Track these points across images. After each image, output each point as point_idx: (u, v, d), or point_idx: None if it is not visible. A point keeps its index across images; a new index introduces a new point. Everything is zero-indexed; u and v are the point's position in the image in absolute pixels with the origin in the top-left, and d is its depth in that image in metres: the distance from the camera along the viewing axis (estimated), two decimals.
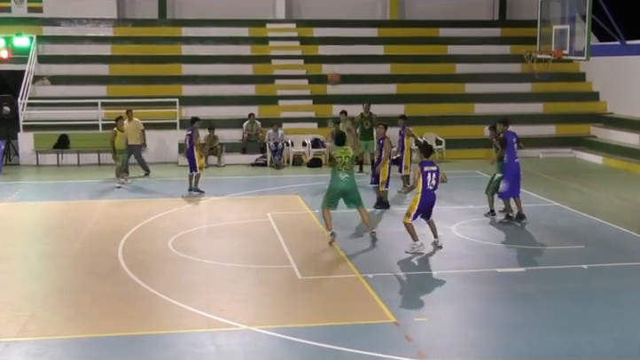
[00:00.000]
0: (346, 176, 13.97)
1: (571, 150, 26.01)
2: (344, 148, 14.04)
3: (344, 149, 14.02)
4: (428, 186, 13.29)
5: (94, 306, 10.89)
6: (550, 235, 14.86)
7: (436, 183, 13.37)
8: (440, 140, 25.06)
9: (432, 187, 13.34)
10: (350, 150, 14.19)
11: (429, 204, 13.45)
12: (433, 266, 12.85)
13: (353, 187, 14.11)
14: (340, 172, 13.94)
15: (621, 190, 19.44)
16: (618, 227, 15.34)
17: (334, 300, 11.13)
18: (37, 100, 24.91)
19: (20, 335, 9.75)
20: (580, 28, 22.24)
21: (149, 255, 13.49)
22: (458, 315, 10.64)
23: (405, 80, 28.26)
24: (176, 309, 10.66)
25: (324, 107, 26.58)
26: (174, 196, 18.64)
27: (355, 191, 14.19)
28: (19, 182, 21.17)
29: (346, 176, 13.96)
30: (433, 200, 13.49)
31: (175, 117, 24.92)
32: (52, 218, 16.68)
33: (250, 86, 27.45)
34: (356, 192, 14.21)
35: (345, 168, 13.93)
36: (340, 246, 13.83)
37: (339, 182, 14.00)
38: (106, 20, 29.41)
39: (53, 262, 13.25)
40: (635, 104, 25.83)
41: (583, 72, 29.25)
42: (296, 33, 30.05)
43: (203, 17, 29.80)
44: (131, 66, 27.63)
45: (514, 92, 28.13)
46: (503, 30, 31.35)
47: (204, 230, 15.37)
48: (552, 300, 11.06)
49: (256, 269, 12.64)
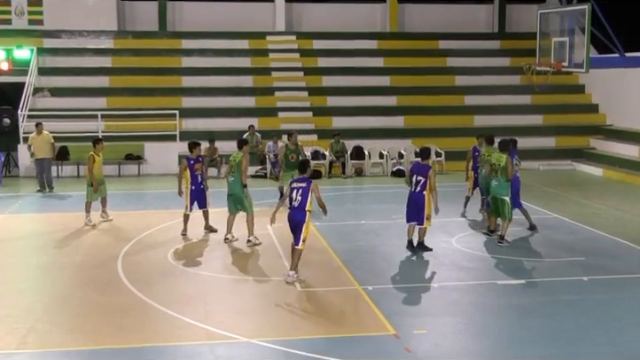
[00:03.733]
0: (232, 179, 15.01)
1: (570, 162, 26.01)
2: (236, 152, 15.15)
3: (236, 153, 15.12)
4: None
5: (93, 318, 10.86)
6: (549, 247, 14.84)
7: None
8: (440, 152, 25.07)
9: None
10: (239, 154, 15.01)
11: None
12: (433, 278, 12.83)
13: (235, 190, 14.95)
14: (229, 175, 15.12)
15: (621, 202, 19.44)
16: (618, 239, 15.33)
17: (334, 312, 11.11)
18: (37, 112, 24.93)
19: (19, 347, 9.72)
20: (579, 41, 22.33)
21: (148, 267, 13.46)
22: (458, 327, 10.61)
23: (405, 92, 28.29)
24: (176, 321, 10.63)
25: (324, 119, 26.63)
26: (172, 208, 18.60)
27: (239, 196, 14.93)
28: (18, 193, 21.15)
29: (232, 179, 15.01)
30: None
31: (175, 129, 24.93)
32: (52, 230, 16.65)
33: (250, 98, 27.49)
34: (240, 197, 14.93)
35: (232, 171, 14.99)
36: (340, 259, 13.81)
37: (228, 184, 15.15)
38: (107, 32, 29.48)
39: (53, 273, 13.23)
40: (634, 116, 25.86)
41: (583, 84, 29.30)
42: (296, 45, 30.12)
43: (203, 29, 29.87)
44: (131, 77, 27.67)
45: (514, 104, 28.17)
46: (502, 42, 31.43)
47: (203, 242, 15.34)
48: (553, 312, 11.03)
49: (255, 281, 12.62)
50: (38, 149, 21.10)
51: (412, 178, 14.14)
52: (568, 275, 12.87)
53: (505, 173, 14.55)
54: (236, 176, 14.90)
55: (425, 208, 14.02)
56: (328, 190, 21.65)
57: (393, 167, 24.60)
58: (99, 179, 17.11)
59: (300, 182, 12.56)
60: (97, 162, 16.99)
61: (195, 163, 15.53)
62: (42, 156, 21.12)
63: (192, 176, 15.52)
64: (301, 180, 12.60)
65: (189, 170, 15.47)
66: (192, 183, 15.56)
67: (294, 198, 12.43)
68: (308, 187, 12.42)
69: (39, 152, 21.07)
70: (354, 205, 19.57)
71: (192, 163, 15.52)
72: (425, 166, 14.21)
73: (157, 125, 24.76)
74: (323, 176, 23.89)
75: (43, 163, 21.19)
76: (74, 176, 23.77)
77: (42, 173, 21.16)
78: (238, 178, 14.87)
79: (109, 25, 29.63)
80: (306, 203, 12.39)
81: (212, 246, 15.07)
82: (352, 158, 24.63)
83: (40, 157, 21.08)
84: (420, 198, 14.04)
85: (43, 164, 21.20)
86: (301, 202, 12.38)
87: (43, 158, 21.15)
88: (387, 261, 13.85)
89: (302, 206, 12.37)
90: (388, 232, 16.00)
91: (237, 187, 14.93)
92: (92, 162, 16.85)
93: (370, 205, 17.43)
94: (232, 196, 15.01)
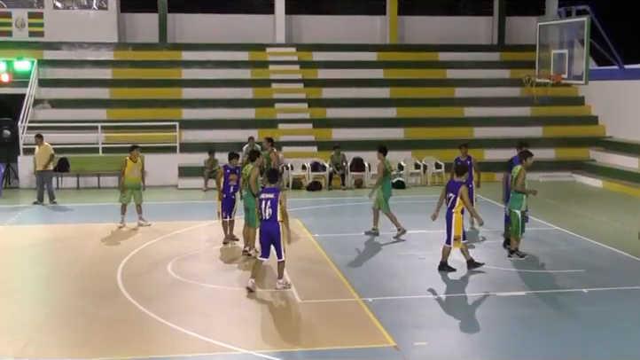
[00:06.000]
0: (245, 193, 14.86)
1: (570, 173, 26.02)
2: (247, 165, 14.94)
3: (247, 166, 14.89)
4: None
5: (92, 330, 10.84)
6: (550, 259, 14.82)
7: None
8: (440, 164, 25.08)
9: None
10: (249, 167, 14.73)
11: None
12: (433, 290, 12.79)
13: (252, 204, 14.47)
14: (243, 189, 15.02)
15: (621, 214, 19.43)
16: (618, 251, 15.32)
17: (334, 323, 11.09)
18: (37, 124, 24.94)
19: (18, 356, 9.70)
20: (578, 53, 22.37)
21: (148, 279, 13.45)
22: (458, 339, 10.59)
23: (404, 104, 28.33)
24: (175, 333, 10.61)
25: (324, 131, 26.64)
26: (173, 219, 18.61)
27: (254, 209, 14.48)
28: (18, 205, 21.14)
29: (245, 192, 14.86)
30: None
31: (175, 140, 24.95)
32: (51, 241, 16.65)
33: (250, 110, 27.51)
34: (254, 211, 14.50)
35: (245, 185, 14.80)
36: (340, 270, 13.80)
37: (244, 198, 14.97)
38: (107, 44, 29.54)
39: (52, 285, 13.21)
40: (634, 127, 25.88)
41: (582, 96, 29.33)
42: (296, 57, 30.18)
43: (203, 41, 29.93)
44: (132, 89, 27.71)
45: (513, 116, 28.19)
46: (502, 54, 31.49)
47: (203, 254, 15.33)
48: (553, 324, 11.01)
49: (255, 292, 12.59)
50: (39, 161, 21.12)
51: (447, 196, 13.59)
52: (568, 287, 12.86)
53: (516, 184, 14.36)
54: (247, 190, 14.69)
55: (452, 228, 13.44)
56: (328, 201, 21.74)
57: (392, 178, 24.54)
58: (133, 184, 17.56)
59: (268, 192, 12.47)
60: (130, 167, 17.49)
61: (231, 173, 15.63)
62: (42, 168, 21.14)
63: (225, 184, 15.65)
64: (269, 191, 12.51)
65: (223, 178, 15.64)
66: (224, 191, 15.68)
67: (264, 209, 12.31)
68: (276, 198, 12.32)
69: (40, 164, 21.08)
70: (353, 216, 19.57)
71: (228, 172, 15.64)
72: (458, 183, 13.50)
73: (157, 137, 24.77)
74: (324, 187, 23.91)
75: (44, 175, 21.20)
76: (74, 188, 23.76)
77: (42, 185, 21.17)
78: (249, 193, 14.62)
79: (109, 37, 29.70)
80: (277, 214, 12.29)
81: (212, 257, 15.05)
82: (352, 169, 24.62)
83: (40, 169, 21.08)
84: (449, 216, 13.51)
85: (44, 176, 21.21)
86: (272, 214, 12.28)
87: (45, 170, 21.17)
88: (387, 272, 13.83)
89: (274, 218, 12.29)
90: (388, 244, 15.99)
91: (252, 200, 14.44)
92: (124, 166, 17.46)
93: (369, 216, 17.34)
94: (249, 209, 14.65)
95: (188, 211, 19.82)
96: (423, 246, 15.65)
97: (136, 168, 17.64)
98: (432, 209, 14.04)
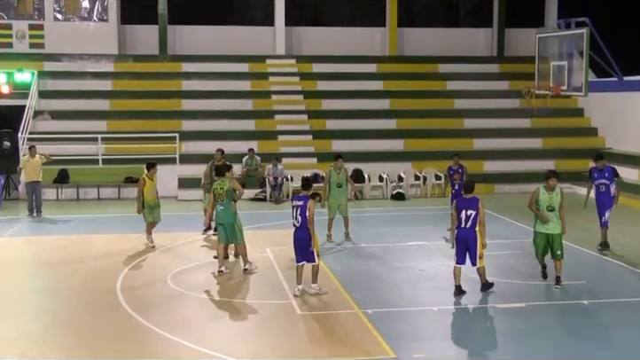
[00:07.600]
0: (221, 208, 14.23)
1: (570, 185, 25.98)
2: (221, 180, 14.38)
3: (221, 181, 14.35)
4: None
5: (91, 341, 10.83)
6: (550, 270, 14.77)
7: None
8: (440, 175, 25.08)
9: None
10: (226, 182, 14.28)
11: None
12: (433, 301, 12.77)
13: (226, 220, 14.25)
14: (217, 204, 14.25)
15: (621, 225, 19.38)
16: (618, 262, 15.32)
17: (333, 335, 11.08)
18: (38, 135, 24.97)
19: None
20: (577, 65, 22.40)
21: (148, 291, 13.43)
22: (458, 351, 10.57)
23: (404, 115, 28.35)
24: (174, 344, 10.60)
25: (324, 143, 26.66)
26: (173, 231, 18.59)
27: (229, 224, 14.26)
28: (17, 216, 21.12)
29: (221, 207, 14.22)
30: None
31: (175, 152, 24.96)
32: (51, 253, 16.62)
33: (250, 121, 27.54)
34: (230, 226, 14.28)
35: (220, 200, 14.16)
36: (339, 281, 13.78)
37: (216, 213, 14.37)
38: (107, 56, 29.60)
39: (51, 297, 13.18)
40: (633, 139, 25.89)
41: (582, 107, 29.38)
42: (296, 68, 30.25)
43: (203, 52, 30.00)
44: (132, 101, 27.76)
45: (513, 127, 28.20)
46: (501, 66, 31.56)
47: (203, 266, 15.30)
48: (553, 336, 10.99)
49: (255, 304, 12.57)
50: (30, 172, 21.00)
51: (461, 214, 12.73)
52: (569, 299, 12.84)
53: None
54: (225, 205, 14.23)
55: (477, 247, 12.70)
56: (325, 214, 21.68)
57: (392, 190, 24.59)
58: (152, 202, 16.82)
59: (299, 200, 12.62)
60: (149, 185, 16.70)
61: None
62: (34, 179, 21.01)
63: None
64: (300, 198, 12.63)
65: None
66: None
67: (294, 216, 12.53)
68: (305, 205, 12.49)
69: (31, 176, 20.97)
70: (353, 228, 19.51)
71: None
72: (472, 199, 12.78)
73: (157, 148, 24.79)
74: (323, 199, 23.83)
75: (34, 186, 21.11)
76: (73, 199, 23.76)
77: (32, 196, 21.09)
78: (228, 206, 14.25)
79: (110, 48, 29.76)
80: (306, 221, 12.46)
81: (211, 269, 15.01)
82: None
83: (30, 180, 20.99)
84: (471, 235, 12.64)
85: (34, 187, 21.12)
86: (302, 221, 12.49)
87: (35, 181, 21.04)
88: (387, 284, 13.81)
89: (304, 224, 12.49)
90: (388, 255, 15.98)
91: (227, 216, 14.31)
92: (143, 185, 16.66)
93: (369, 228, 17.42)
94: (223, 225, 14.41)
95: (188, 223, 19.79)
96: (422, 257, 15.65)
97: (154, 186, 16.93)
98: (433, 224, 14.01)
